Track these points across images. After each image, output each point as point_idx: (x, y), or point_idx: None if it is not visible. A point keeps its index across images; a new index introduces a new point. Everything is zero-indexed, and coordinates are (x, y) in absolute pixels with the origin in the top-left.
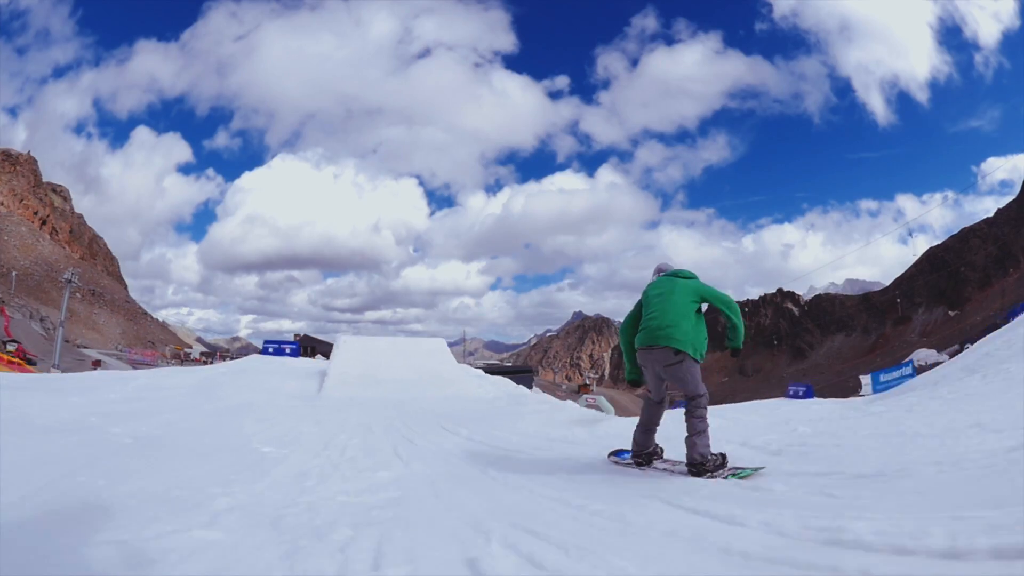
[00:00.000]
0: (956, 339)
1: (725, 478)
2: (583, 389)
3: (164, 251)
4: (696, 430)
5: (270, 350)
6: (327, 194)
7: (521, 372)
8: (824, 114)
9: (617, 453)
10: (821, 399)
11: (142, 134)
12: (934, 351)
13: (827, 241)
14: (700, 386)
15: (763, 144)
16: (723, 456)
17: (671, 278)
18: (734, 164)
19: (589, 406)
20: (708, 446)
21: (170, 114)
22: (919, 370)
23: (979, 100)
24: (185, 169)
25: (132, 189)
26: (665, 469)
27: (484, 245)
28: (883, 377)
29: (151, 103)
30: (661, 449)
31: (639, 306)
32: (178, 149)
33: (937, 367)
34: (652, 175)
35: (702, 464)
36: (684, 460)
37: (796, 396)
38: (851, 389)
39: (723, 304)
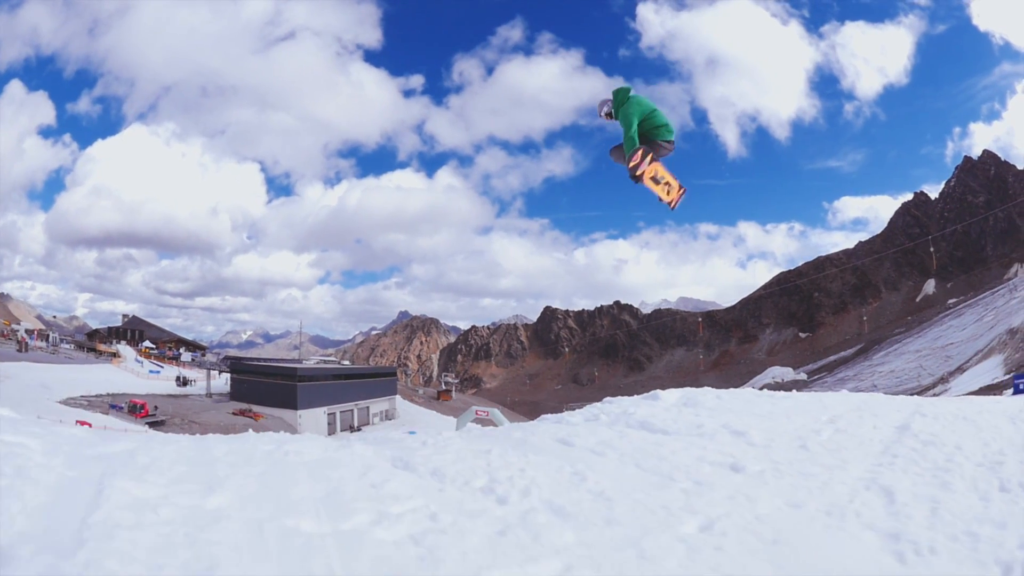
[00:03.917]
0: (810, 359)
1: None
2: (443, 396)
3: (15, 218)
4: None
5: None
6: (172, 172)
7: (383, 375)
8: (676, 140)
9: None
10: None
11: (15, 89)
12: (789, 368)
13: (661, 260)
14: None
15: (608, 161)
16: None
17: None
18: (576, 178)
19: (480, 421)
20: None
21: (43, 72)
22: (776, 386)
23: (843, 144)
24: (45, 132)
25: None
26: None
27: (316, 238)
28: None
29: (28, 57)
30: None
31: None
32: (43, 110)
33: None
34: (491, 181)
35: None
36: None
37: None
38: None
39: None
